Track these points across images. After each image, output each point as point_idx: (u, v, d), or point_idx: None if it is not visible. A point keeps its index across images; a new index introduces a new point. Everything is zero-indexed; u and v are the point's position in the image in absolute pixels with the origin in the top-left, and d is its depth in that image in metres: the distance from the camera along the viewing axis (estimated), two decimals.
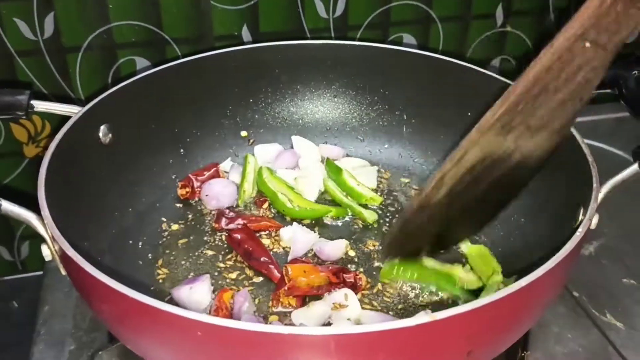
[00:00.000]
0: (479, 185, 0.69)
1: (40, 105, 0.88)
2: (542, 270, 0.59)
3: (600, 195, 0.72)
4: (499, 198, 0.74)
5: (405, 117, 1.09)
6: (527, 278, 0.58)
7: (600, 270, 0.95)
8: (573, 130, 0.82)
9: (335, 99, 1.11)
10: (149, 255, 0.91)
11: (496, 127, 0.65)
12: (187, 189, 1.00)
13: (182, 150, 1.03)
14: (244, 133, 1.09)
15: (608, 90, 0.91)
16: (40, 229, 0.71)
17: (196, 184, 1.01)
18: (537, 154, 0.68)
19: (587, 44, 0.61)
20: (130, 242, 0.91)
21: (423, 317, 0.52)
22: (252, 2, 1.11)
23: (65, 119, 0.86)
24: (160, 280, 0.87)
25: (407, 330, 0.52)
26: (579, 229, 0.67)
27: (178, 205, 1.00)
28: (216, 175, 1.03)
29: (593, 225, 0.69)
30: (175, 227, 0.96)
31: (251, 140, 1.09)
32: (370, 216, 0.97)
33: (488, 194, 0.70)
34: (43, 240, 0.72)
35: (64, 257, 0.66)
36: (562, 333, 0.86)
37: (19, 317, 1.19)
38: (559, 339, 0.86)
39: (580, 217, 0.73)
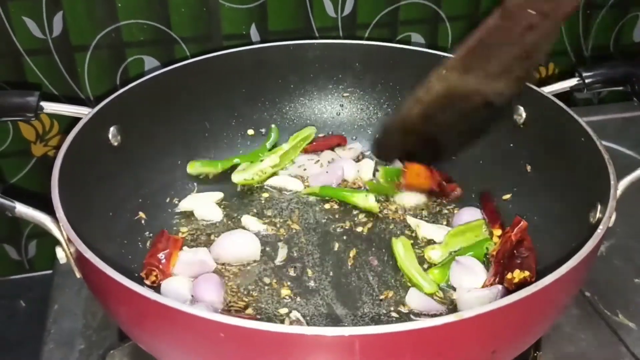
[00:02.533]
0: (449, 112, 0.81)
1: (49, 107, 0.88)
2: (565, 268, 0.59)
3: (618, 193, 0.73)
4: (472, 127, 0.85)
5: None
6: (552, 276, 0.58)
7: (611, 270, 0.95)
8: (587, 128, 0.82)
9: (344, 99, 1.11)
10: None
11: (458, 67, 0.77)
12: (155, 274, 0.85)
13: (190, 151, 1.03)
14: (250, 132, 1.08)
15: (620, 88, 0.91)
16: (55, 231, 0.70)
17: (162, 262, 0.85)
18: (500, 98, 0.79)
19: (532, 12, 0.72)
20: (141, 243, 0.91)
21: (449, 317, 0.52)
22: (261, 1, 1.11)
23: (74, 119, 0.86)
24: None
25: (433, 329, 0.52)
26: (600, 226, 0.67)
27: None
28: (173, 244, 0.88)
29: (611, 223, 0.69)
30: (184, 229, 0.96)
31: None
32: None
33: (461, 122, 0.82)
34: (56, 243, 0.71)
35: (80, 259, 0.66)
36: (574, 333, 0.86)
37: (26, 316, 1.20)
38: (571, 339, 0.86)
39: (599, 215, 0.73)
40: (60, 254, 0.71)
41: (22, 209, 0.72)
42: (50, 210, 0.71)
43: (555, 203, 0.88)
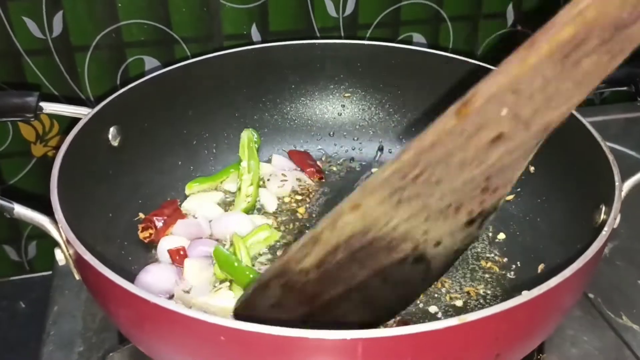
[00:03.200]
0: (360, 267, 0.56)
1: (49, 107, 0.87)
2: (570, 271, 0.58)
3: (623, 194, 0.72)
4: (397, 291, 0.60)
5: (415, 116, 1.08)
6: (556, 278, 0.57)
7: (615, 272, 0.95)
8: (591, 129, 0.81)
9: (345, 99, 1.10)
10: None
11: (382, 191, 0.51)
12: (150, 231, 0.91)
13: (190, 152, 1.03)
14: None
15: (624, 88, 0.91)
16: (54, 233, 0.70)
17: (158, 224, 0.91)
18: (440, 249, 0.55)
19: (504, 112, 0.48)
20: (140, 244, 0.91)
21: (452, 320, 0.52)
22: (262, 1, 1.10)
23: (74, 119, 0.86)
24: None
25: (436, 333, 0.52)
26: (605, 228, 0.66)
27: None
28: (178, 215, 0.94)
29: (616, 225, 0.69)
30: None
31: None
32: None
33: (379, 283, 0.57)
34: (55, 244, 0.71)
35: (80, 261, 0.65)
36: (578, 336, 0.86)
37: (26, 317, 1.19)
38: (574, 342, 0.85)
39: (603, 217, 0.72)
40: (59, 255, 0.71)
41: (21, 210, 0.71)
42: (49, 212, 0.70)
43: (559, 204, 0.88)
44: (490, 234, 0.93)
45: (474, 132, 0.49)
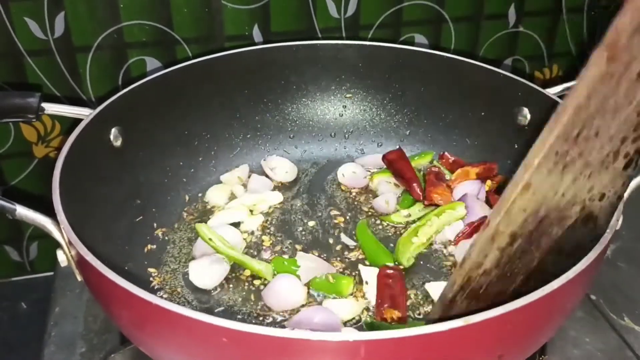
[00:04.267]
0: (535, 250, 0.55)
1: (50, 108, 0.87)
2: (572, 272, 0.58)
3: (625, 195, 0.72)
4: (567, 264, 0.58)
5: (417, 117, 1.08)
6: (559, 280, 0.57)
7: (617, 273, 0.95)
8: None
9: (346, 100, 1.10)
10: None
11: (549, 161, 0.50)
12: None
13: (192, 152, 1.03)
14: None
15: None
16: (56, 234, 0.70)
17: None
18: (604, 202, 0.54)
19: None
20: (142, 245, 0.91)
21: (455, 322, 0.52)
22: (263, 2, 1.10)
23: (75, 120, 0.86)
24: None
25: (439, 334, 0.52)
26: (607, 230, 0.66)
27: (188, 209, 0.99)
28: None
29: (618, 226, 0.69)
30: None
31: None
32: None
33: (552, 262, 0.56)
34: (57, 245, 0.71)
35: (82, 262, 0.65)
36: (580, 337, 0.86)
37: (27, 318, 1.19)
38: (576, 343, 0.85)
39: None
40: (61, 256, 0.71)
41: (23, 211, 0.71)
42: (51, 213, 0.70)
43: None
44: None
45: (624, 70, 0.48)
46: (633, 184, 0.74)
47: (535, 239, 0.54)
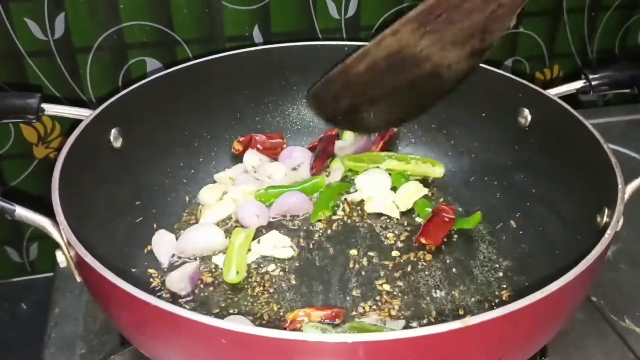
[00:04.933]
0: (395, 75, 0.80)
1: (50, 109, 0.87)
2: (572, 274, 0.58)
3: (626, 197, 0.72)
4: (417, 99, 0.85)
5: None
6: (558, 282, 0.57)
7: (618, 275, 0.94)
8: (594, 131, 0.81)
9: None
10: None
11: (413, 23, 0.75)
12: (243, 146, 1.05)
13: (192, 153, 1.02)
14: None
15: (627, 90, 0.91)
16: (55, 235, 0.70)
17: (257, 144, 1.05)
18: (451, 71, 0.78)
19: None
20: (142, 246, 0.91)
21: (454, 323, 0.52)
22: (264, 3, 1.10)
23: (76, 120, 0.86)
24: None
25: (438, 336, 0.52)
26: (607, 231, 0.66)
27: (188, 210, 0.99)
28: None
29: (619, 228, 0.69)
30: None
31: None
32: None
33: (406, 90, 0.82)
34: (57, 246, 0.71)
35: (81, 263, 0.65)
36: (581, 338, 0.86)
37: (27, 318, 1.20)
38: (577, 345, 0.85)
39: (606, 219, 0.72)
40: (61, 257, 0.70)
41: (22, 212, 0.71)
42: (51, 213, 0.70)
43: (561, 207, 0.88)
44: (490, 238, 0.93)
45: None
46: (633, 185, 0.74)
47: (395, 69, 0.80)
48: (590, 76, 0.90)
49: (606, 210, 0.73)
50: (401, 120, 0.94)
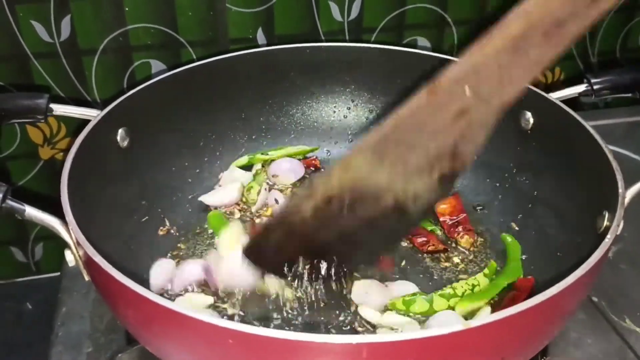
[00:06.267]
0: (349, 215, 0.65)
1: (59, 109, 0.88)
2: (573, 277, 0.59)
3: (626, 201, 0.72)
4: (377, 241, 0.71)
5: None
6: (559, 285, 0.58)
7: (619, 275, 0.95)
8: (596, 135, 0.81)
9: (350, 102, 1.11)
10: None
11: (370, 154, 0.62)
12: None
13: (197, 152, 1.03)
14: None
15: (629, 95, 0.91)
16: (64, 234, 0.71)
17: None
18: (417, 204, 0.64)
19: (467, 91, 0.58)
20: (149, 245, 0.91)
21: (457, 326, 0.52)
22: (268, 5, 1.11)
23: (81, 121, 0.86)
24: None
25: (441, 338, 0.52)
26: (608, 235, 0.66)
27: (195, 208, 1.00)
28: None
29: (619, 231, 0.69)
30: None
31: None
32: None
33: (362, 229, 0.66)
34: (63, 246, 0.72)
35: (89, 262, 0.66)
36: (582, 339, 0.86)
37: (32, 318, 1.20)
38: (578, 345, 0.85)
39: (606, 223, 0.73)
40: (70, 257, 0.71)
41: (32, 212, 0.72)
42: (56, 213, 0.71)
43: (561, 210, 0.88)
44: (491, 242, 0.94)
45: (443, 107, 0.60)
46: (634, 190, 0.75)
47: (350, 208, 0.65)
48: (593, 80, 0.91)
49: (607, 214, 0.74)
50: (357, 268, 0.80)
